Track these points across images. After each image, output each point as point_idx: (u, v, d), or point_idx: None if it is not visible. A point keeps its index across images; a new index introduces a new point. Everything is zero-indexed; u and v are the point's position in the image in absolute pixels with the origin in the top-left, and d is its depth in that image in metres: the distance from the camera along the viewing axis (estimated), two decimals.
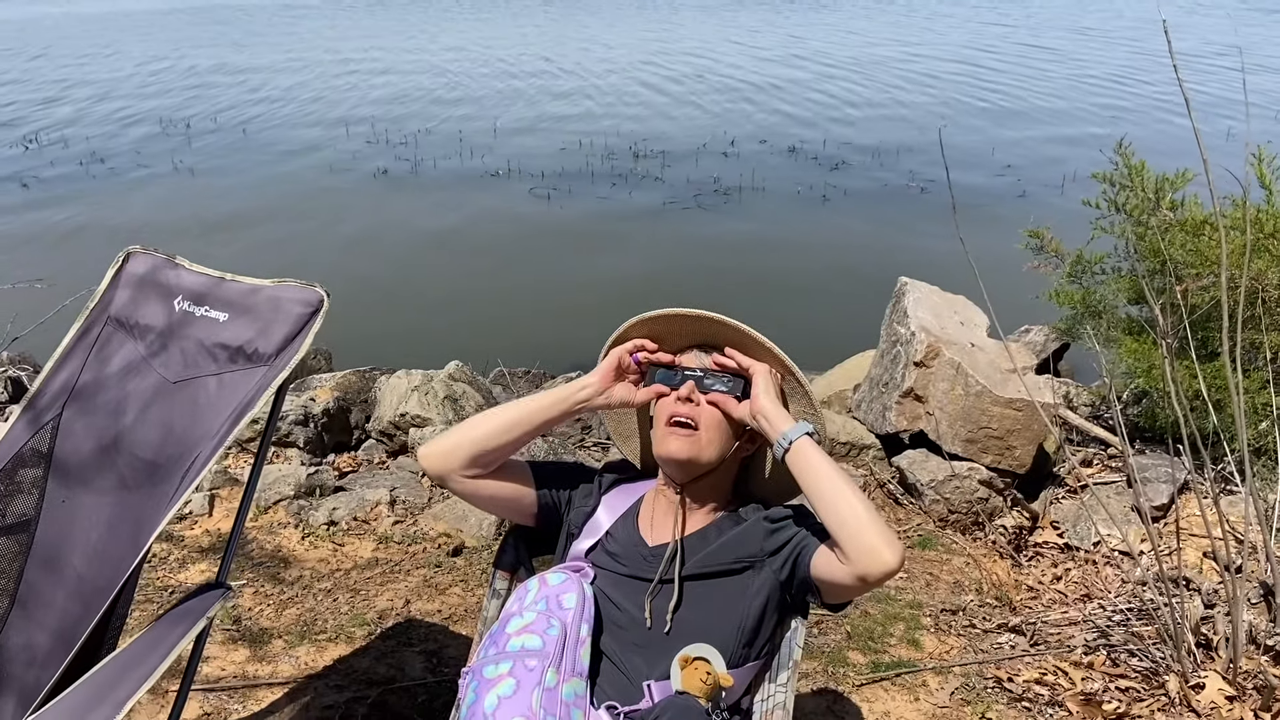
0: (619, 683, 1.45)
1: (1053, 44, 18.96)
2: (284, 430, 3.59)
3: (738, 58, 17.74)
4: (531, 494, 1.63)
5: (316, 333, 1.65)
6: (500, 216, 8.54)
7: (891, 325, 3.79)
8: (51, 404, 1.79)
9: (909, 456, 3.51)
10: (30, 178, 9.71)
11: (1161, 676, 2.36)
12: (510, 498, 1.62)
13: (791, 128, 11.88)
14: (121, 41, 20.91)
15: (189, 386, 1.69)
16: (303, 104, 13.67)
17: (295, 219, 8.49)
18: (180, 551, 2.93)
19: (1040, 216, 4.50)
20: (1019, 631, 2.69)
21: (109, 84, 15.32)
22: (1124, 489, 3.34)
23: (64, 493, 1.74)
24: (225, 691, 2.33)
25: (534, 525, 1.68)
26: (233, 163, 10.41)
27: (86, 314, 1.83)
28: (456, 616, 2.70)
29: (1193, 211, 3.56)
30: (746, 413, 1.51)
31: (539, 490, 1.64)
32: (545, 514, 1.65)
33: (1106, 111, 12.43)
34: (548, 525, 1.67)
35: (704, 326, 1.56)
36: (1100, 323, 3.83)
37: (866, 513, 1.37)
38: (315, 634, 2.59)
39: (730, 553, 1.52)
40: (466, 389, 3.88)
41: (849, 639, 2.66)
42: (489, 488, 1.59)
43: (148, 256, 1.84)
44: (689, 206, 8.73)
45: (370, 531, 3.10)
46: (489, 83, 15.40)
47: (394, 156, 10.55)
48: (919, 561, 3.12)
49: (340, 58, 18.21)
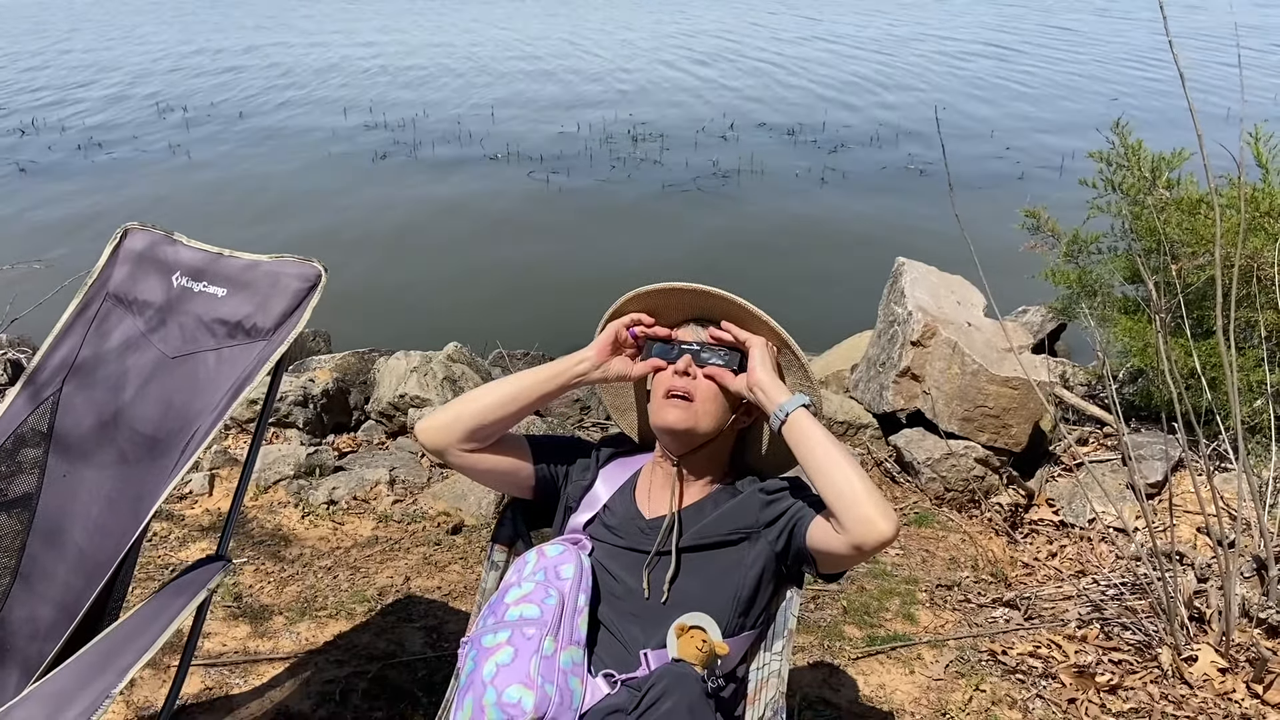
0: (616, 651, 1.47)
1: (1068, 24, 18.85)
2: (284, 411, 3.60)
3: (741, 42, 17.66)
4: (529, 468, 1.64)
5: (314, 308, 1.66)
6: (499, 199, 8.53)
7: (889, 305, 3.80)
8: (51, 380, 1.80)
9: (906, 435, 3.53)
10: (29, 161, 9.69)
11: (1154, 649, 2.39)
12: (508, 471, 1.63)
13: (791, 111, 11.85)
14: (110, 23, 20.80)
15: (188, 361, 1.70)
16: (300, 87, 13.62)
17: (292, 201, 8.48)
18: (181, 530, 2.95)
19: (1039, 197, 4.50)
20: (1013, 606, 2.71)
21: (106, 68, 15.25)
22: (1119, 467, 3.36)
23: (65, 467, 1.75)
24: (226, 666, 2.35)
25: (532, 499, 1.69)
26: (229, 145, 10.39)
27: (85, 290, 1.84)
28: (456, 593, 2.72)
29: (1189, 190, 3.57)
30: (743, 385, 1.52)
31: (536, 464, 1.65)
32: (542, 487, 1.66)
33: (1112, 91, 12.40)
34: (545, 498, 1.68)
35: (701, 300, 1.57)
36: (1096, 302, 3.83)
37: (861, 483, 1.38)
38: (316, 610, 2.61)
39: (727, 524, 1.53)
40: (465, 370, 3.89)
41: (845, 614, 2.68)
42: (486, 461, 1.60)
43: (145, 233, 1.85)
44: (688, 189, 8.72)
45: (370, 510, 3.12)
46: (488, 67, 15.34)
47: (392, 140, 10.53)
48: (915, 538, 3.14)
49: (335, 42, 18.13)
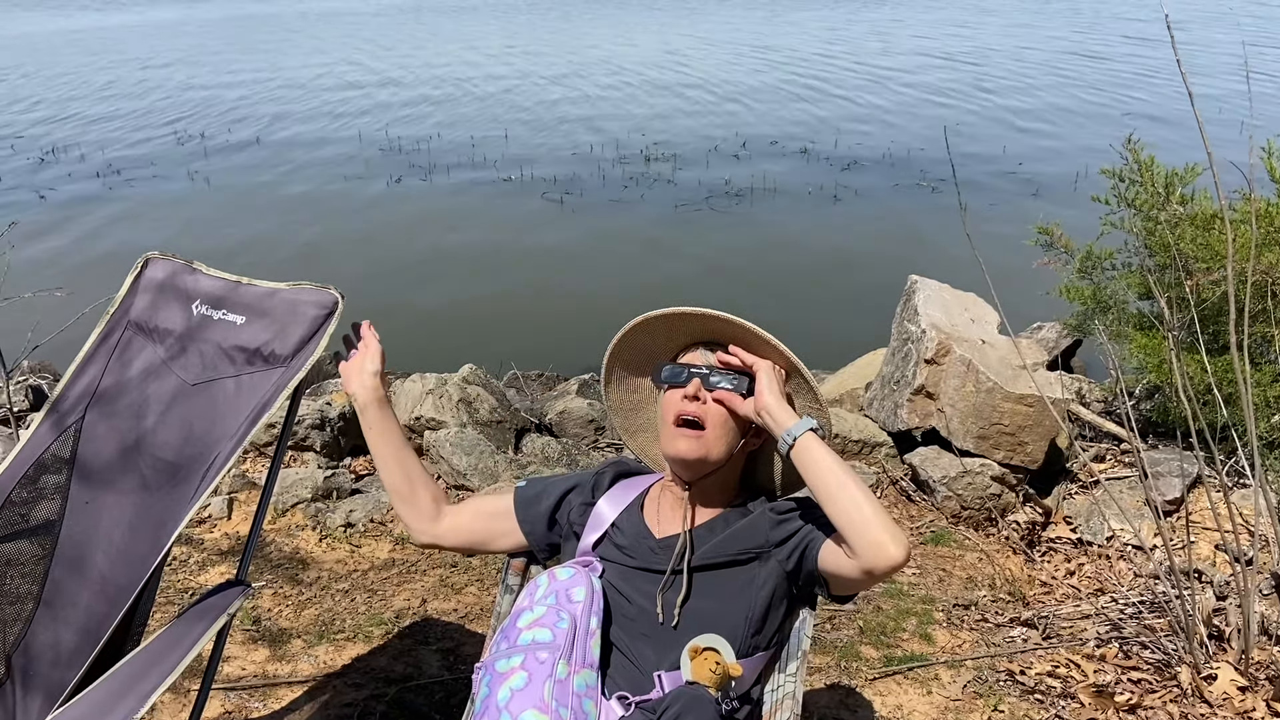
0: (629, 673, 1.48)
1: (1088, 42, 18.85)
2: (301, 434, 3.63)
3: (751, 60, 17.75)
4: (516, 532, 1.70)
5: (331, 334, 1.69)
6: (512, 221, 8.59)
7: (902, 323, 3.80)
8: (74, 407, 1.83)
9: (921, 454, 3.52)
10: (48, 189, 9.83)
11: (1174, 668, 2.37)
12: (501, 534, 1.70)
13: (803, 129, 11.89)
14: (128, 52, 21.12)
15: (208, 388, 1.73)
16: (316, 112, 13.77)
17: (309, 225, 8.56)
18: (200, 554, 2.97)
19: (1052, 213, 4.50)
20: (1031, 625, 2.70)
21: (125, 95, 15.48)
22: (1136, 484, 3.34)
23: (87, 494, 1.78)
24: (246, 690, 2.37)
25: (545, 552, 1.72)
26: (246, 171, 10.51)
27: (107, 319, 1.88)
28: (472, 615, 2.73)
29: (1202, 206, 3.56)
30: (751, 409, 1.53)
31: (522, 526, 1.69)
32: (538, 543, 1.70)
33: (1128, 105, 12.37)
34: (550, 547, 1.71)
35: (708, 324, 1.59)
36: (1110, 318, 3.83)
37: (870, 507, 1.39)
38: (334, 633, 2.62)
39: (737, 544, 1.54)
40: (480, 392, 3.92)
41: (861, 634, 2.68)
42: (475, 535, 1.70)
43: (166, 262, 1.89)
44: (700, 208, 8.75)
45: (387, 533, 3.14)
46: (499, 88, 15.47)
47: (407, 164, 10.62)
48: (931, 557, 3.14)
49: (349, 66, 18.34)
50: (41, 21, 30.68)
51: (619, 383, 1.72)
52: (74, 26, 28.52)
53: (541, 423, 4.10)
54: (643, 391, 1.74)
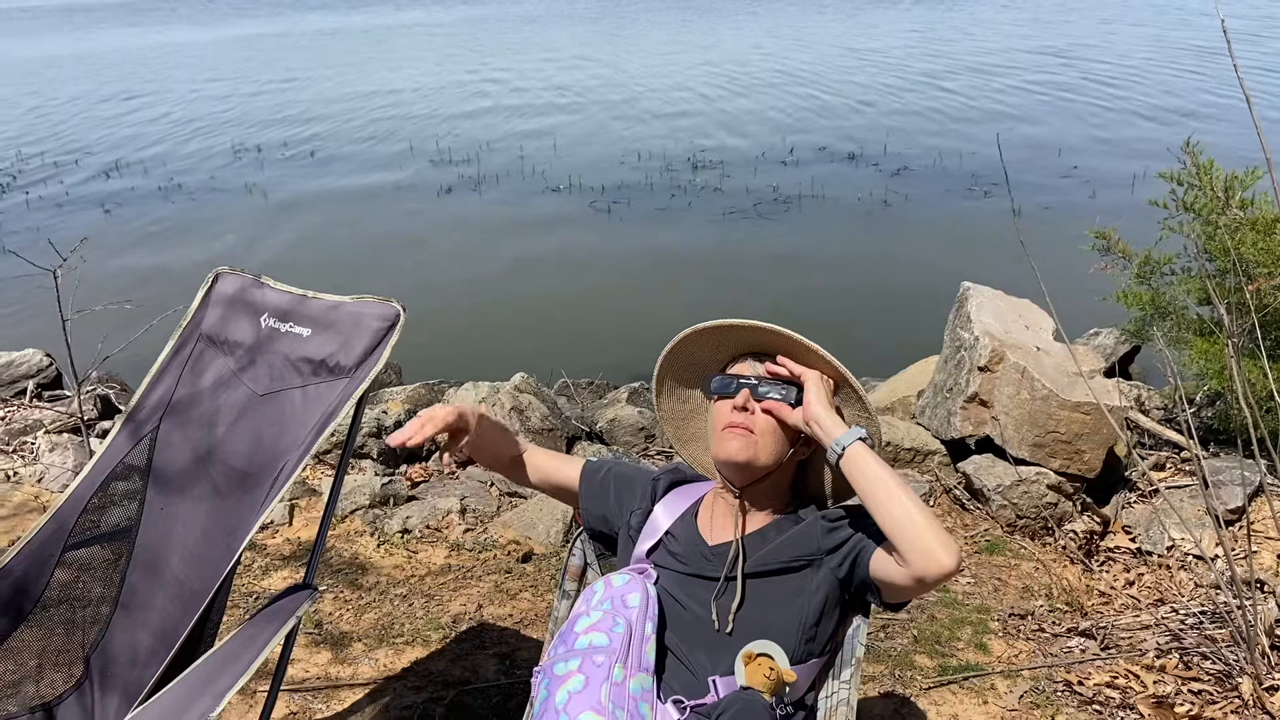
0: (684, 678, 1.50)
1: (1147, 36, 18.50)
2: (358, 442, 3.72)
3: (797, 65, 17.70)
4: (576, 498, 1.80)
5: (394, 346, 1.74)
6: (561, 230, 8.67)
7: (955, 330, 3.78)
8: (150, 417, 1.91)
9: (975, 462, 3.50)
10: (114, 204, 10.14)
11: (1235, 679, 2.33)
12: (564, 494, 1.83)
13: (851, 134, 11.83)
14: (165, 70, 21.68)
15: (276, 399, 1.80)
16: (366, 126, 14.02)
17: (361, 237, 8.72)
18: (264, 559, 3.06)
19: (1108, 217, 4.44)
20: (1089, 635, 2.67)
21: (183, 111, 15.90)
22: (1197, 492, 3.28)
23: (162, 500, 1.86)
24: (310, 692, 2.44)
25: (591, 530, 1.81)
26: (300, 184, 10.73)
27: (180, 332, 1.95)
28: (527, 620, 2.78)
29: (1264, 210, 3.50)
30: (800, 419, 1.55)
31: (583, 506, 1.79)
32: (593, 522, 1.79)
33: (1188, 107, 12.13)
34: (603, 529, 1.78)
35: (757, 335, 1.61)
36: (1169, 324, 3.76)
37: (921, 516, 1.40)
38: (393, 637, 2.68)
39: (789, 550, 1.56)
40: (532, 400, 3.97)
41: (915, 643, 2.67)
42: (544, 487, 1.83)
43: (235, 277, 1.96)
44: (749, 216, 8.75)
45: (442, 539, 3.20)
46: (545, 98, 15.61)
47: (457, 175, 10.77)
48: (986, 567, 3.11)
49: (395, 80, 18.63)
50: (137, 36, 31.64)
51: (670, 393, 1.75)
52: (168, 40, 29.45)
53: (592, 430, 4.14)
54: (694, 401, 1.76)
